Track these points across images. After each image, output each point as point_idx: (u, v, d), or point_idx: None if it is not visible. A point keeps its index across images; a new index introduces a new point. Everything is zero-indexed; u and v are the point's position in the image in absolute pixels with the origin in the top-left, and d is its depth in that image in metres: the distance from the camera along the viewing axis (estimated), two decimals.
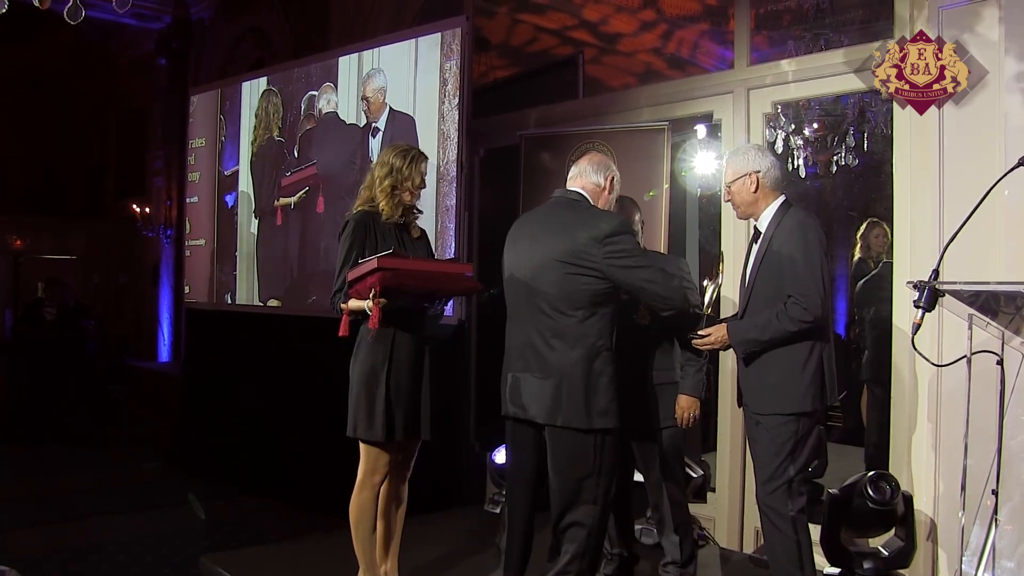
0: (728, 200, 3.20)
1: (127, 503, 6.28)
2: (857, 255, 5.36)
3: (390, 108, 5.52)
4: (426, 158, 3.37)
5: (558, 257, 2.90)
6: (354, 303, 3.13)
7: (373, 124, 5.61)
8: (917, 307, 2.19)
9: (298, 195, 6.12)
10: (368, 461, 3.22)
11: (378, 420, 3.14)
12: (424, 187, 3.37)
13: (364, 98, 5.68)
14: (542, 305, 2.93)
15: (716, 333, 3.07)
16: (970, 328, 2.32)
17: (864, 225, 5.36)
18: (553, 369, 2.90)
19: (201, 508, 5.04)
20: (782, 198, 3.10)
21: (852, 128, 5.60)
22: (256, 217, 6.53)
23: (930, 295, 2.16)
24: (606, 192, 3.12)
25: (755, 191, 3.08)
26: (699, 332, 3.10)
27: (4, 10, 2.99)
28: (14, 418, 9.07)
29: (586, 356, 2.88)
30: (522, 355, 2.99)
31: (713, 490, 4.43)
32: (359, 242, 3.23)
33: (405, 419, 3.20)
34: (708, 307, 3.10)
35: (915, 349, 2.42)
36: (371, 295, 2.97)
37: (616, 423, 2.92)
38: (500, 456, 4.69)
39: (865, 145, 5.59)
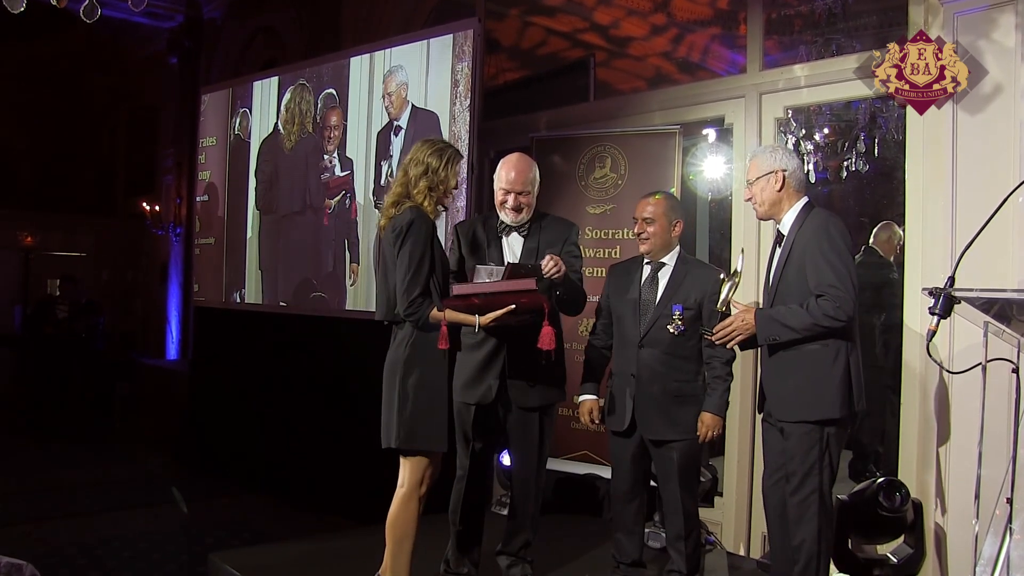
0: (749, 199, 3.12)
1: (133, 499, 6.30)
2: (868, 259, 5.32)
3: (412, 105, 5.45)
4: (461, 157, 3.15)
5: None
6: (455, 315, 2.91)
7: (395, 122, 5.56)
8: (932, 314, 2.17)
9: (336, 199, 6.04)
10: (416, 472, 3.06)
11: (443, 430, 3.01)
12: (458, 189, 3.19)
13: (386, 94, 5.63)
14: None
15: (745, 315, 2.93)
16: (986, 336, 2.30)
17: (877, 228, 5.34)
18: None
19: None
20: (805, 199, 3.04)
21: (863, 134, 5.58)
22: (267, 215, 6.53)
23: (946, 302, 2.14)
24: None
25: (780, 190, 3.01)
26: (726, 308, 2.97)
27: (22, 9, 3.00)
28: (23, 413, 9.13)
29: None
30: None
31: (720, 494, 4.43)
32: (431, 247, 2.98)
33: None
34: (723, 305, 3.01)
35: (930, 356, 2.41)
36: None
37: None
38: (507, 458, 4.69)
39: (876, 151, 5.57)
